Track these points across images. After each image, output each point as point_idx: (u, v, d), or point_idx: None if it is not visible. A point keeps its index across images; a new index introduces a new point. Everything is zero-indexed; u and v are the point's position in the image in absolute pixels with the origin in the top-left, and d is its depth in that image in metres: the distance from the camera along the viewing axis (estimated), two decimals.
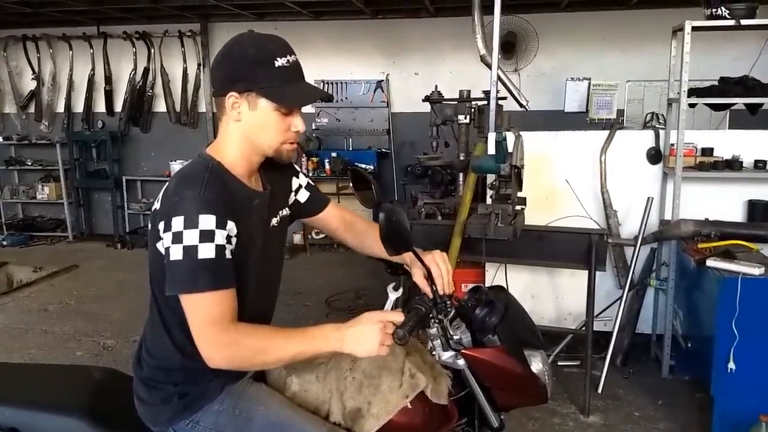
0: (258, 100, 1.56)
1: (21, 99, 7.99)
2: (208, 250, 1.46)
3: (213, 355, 1.48)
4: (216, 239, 1.47)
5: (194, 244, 1.45)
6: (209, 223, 1.47)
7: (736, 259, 3.14)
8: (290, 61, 1.57)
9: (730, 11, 3.54)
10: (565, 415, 3.53)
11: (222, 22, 7.46)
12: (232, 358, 1.49)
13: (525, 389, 1.76)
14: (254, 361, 1.53)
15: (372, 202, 1.96)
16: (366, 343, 1.50)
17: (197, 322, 1.48)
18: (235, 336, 1.49)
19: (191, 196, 1.49)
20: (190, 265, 1.46)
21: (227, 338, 1.48)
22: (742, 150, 3.84)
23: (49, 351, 4.48)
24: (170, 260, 1.47)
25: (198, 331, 1.48)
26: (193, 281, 1.46)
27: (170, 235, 1.47)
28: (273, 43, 1.58)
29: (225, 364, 1.50)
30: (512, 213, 3.42)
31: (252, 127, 1.60)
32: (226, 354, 1.48)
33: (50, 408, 1.79)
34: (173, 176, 1.62)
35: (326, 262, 6.78)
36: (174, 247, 1.46)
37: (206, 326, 1.47)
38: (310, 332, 1.53)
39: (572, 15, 6.64)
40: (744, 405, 3.03)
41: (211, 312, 1.47)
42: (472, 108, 4.56)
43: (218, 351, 1.48)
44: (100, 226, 8.21)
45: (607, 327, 4.00)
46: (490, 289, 1.82)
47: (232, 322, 1.49)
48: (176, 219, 1.47)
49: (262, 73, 1.54)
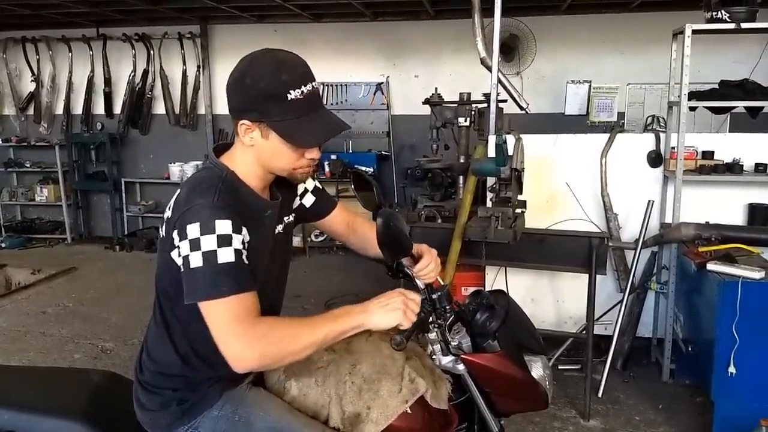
0: (270, 131, 1.53)
1: (20, 101, 7.98)
2: (227, 254, 1.44)
3: (245, 355, 1.43)
4: (234, 243, 1.45)
5: (213, 249, 1.43)
6: (226, 227, 1.45)
7: (737, 262, 3.13)
8: (305, 93, 1.50)
9: (731, 14, 3.54)
10: (566, 419, 3.52)
11: (222, 24, 7.45)
12: (264, 352, 1.44)
13: (525, 395, 1.75)
14: (285, 351, 1.47)
15: (373, 204, 1.95)
16: (391, 312, 1.51)
17: (223, 326, 1.44)
18: (264, 328, 1.45)
19: (204, 203, 1.47)
20: (210, 271, 1.43)
21: (257, 332, 1.44)
22: (742, 153, 3.84)
23: (48, 354, 4.46)
24: (190, 268, 1.44)
25: (225, 333, 1.43)
26: (216, 287, 1.43)
27: (187, 243, 1.44)
28: (287, 73, 1.50)
29: (256, 362, 1.45)
30: (512, 216, 3.41)
31: (264, 153, 1.57)
32: (258, 349, 1.43)
33: (49, 411, 1.78)
34: (185, 183, 1.60)
35: (325, 265, 6.77)
36: (193, 254, 1.43)
37: (233, 326, 1.43)
38: (333, 313, 1.53)
39: (572, 18, 6.63)
40: (744, 409, 3.02)
41: (236, 313, 1.43)
42: (472, 111, 4.56)
43: (250, 348, 1.43)
44: (99, 228, 8.19)
45: (608, 331, 3.99)
46: (490, 293, 1.81)
47: (258, 317, 1.47)
48: (191, 226, 1.44)
49: (273, 107, 1.50)
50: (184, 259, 1.46)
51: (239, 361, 1.44)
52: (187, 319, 1.61)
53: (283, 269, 1.83)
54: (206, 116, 7.63)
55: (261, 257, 1.60)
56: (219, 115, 7.55)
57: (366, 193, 1.97)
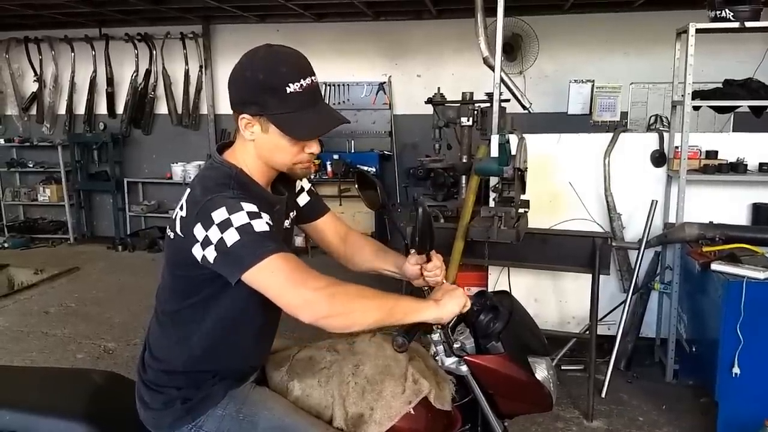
0: (269, 124, 1.53)
1: (23, 101, 7.99)
2: (261, 224, 1.44)
3: (316, 298, 1.40)
4: (264, 218, 1.46)
5: (246, 221, 1.42)
6: (252, 207, 1.45)
7: (741, 262, 3.12)
8: (304, 86, 1.51)
9: (735, 13, 3.52)
10: (569, 419, 3.51)
11: (224, 23, 7.46)
12: (335, 299, 1.41)
13: (529, 396, 1.73)
14: (357, 306, 1.44)
15: (377, 204, 1.94)
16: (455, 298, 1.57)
17: (282, 279, 1.40)
18: (333, 280, 1.44)
19: (224, 194, 1.47)
20: (250, 239, 1.41)
21: (324, 280, 1.43)
22: (746, 153, 3.82)
23: (50, 354, 4.46)
24: (227, 247, 1.41)
25: (288, 284, 1.40)
26: (261, 248, 1.41)
27: (216, 228, 1.43)
28: (287, 66, 1.51)
29: (328, 307, 1.40)
30: (515, 216, 3.40)
31: (265, 148, 1.57)
32: (331, 295, 1.41)
33: (51, 412, 1.78)
34: (196, 183, 1.57)
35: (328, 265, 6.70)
36: (227, 233, 1.41)
37: (296, 275, 1.41)
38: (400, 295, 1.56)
39: (575, 17, 6.62)
40: (749, 410, 3.01)
41: (293, 267, 1.42)
42: (474, 110, 4.56)
43: (322, 291, 1.40)
44: (102, 228, 8.20)
45: (611, 331, 3.98)
46: (494, 294, 1.80)
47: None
48: (217, 212, 1.43)
49: (272, 100, 1.50)
50: (217, 244, 1.42)
51: (310, 305, 1.40)
52: (192, 317, 1.61)
53: None
54: (209, 116, 7.64)
55: None
56: (221, 114, 7.55)
57: (370, 193, 1.96)
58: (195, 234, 1.46)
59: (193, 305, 1.59)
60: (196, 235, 1.46)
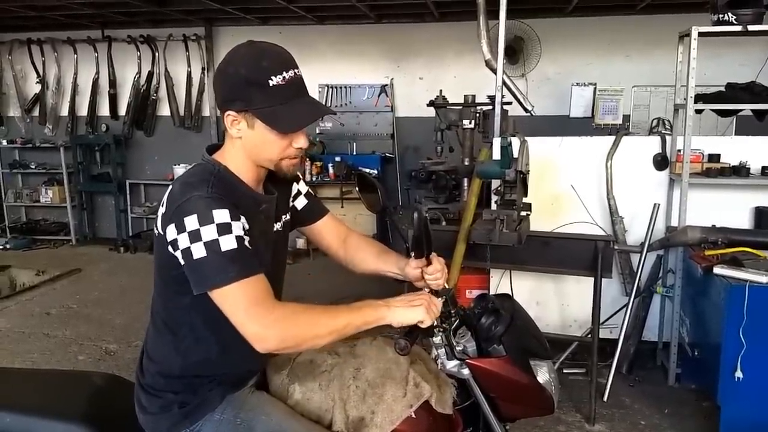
0: (254, 120, 1.53)
1: (25, 102, 8.01)
2: (229, 241, 1.44)
3: (266, 335, 1.43)
4: (234, 230, 1.45)
5: (214, 238, 1.43)
6: (224, 216, 1.45)
7: (743, 266, 3.12)
8: (286, 78, 1.50)
9: (737, 17, 3.52)
10: (571, 423, 3.50)
11: (226, 26, 7.47)
12: (284, 334, 1.44)
13: (531, 400, 1.73)
14: (307, 335, 1.47)
15: (377, 206, 1.94)
16: (415, 308, 1.53)
17: (241, 309, 1.43)
18: (285, 311, 1.46)
19: (199, 195, 1.47)
20: (216, 259, 1.42)
21: (277, 314, 1.44)
22: (749, 156, 3.81)
23: (51, 355, 4.46)
24: (194, 259, 1.43)
25: (243, 316, 1.43)
26: (223, 273, 1.42)
27: (186, 236, 1.44)
28: (269, 59, 1.51)
29: (277, 342, 1.44)
30: (517, 219, 3.39)
31: (252, 144, 1.57)
32: (280, 330, 1.43)
33: (51, 414, 1.77)
34: (177, 180, 1.59)
35: (329, 267, 6.71)
36: (194, 245, 1.43)
37: (252, 308, 1.43)
38: (355, 305, 1.53)
39: (578, 20, 6.62)
40: (751, 414, 3.01)
41: (252, 295, 1.43)
42: (476, 113, 4.56)
43: (271, 329, 1.43)
44: (104, 229, 8.21)
45: (613, 334, 3.97)
46: (496, 297, 1.79)
47: (276, 301, 1.47)
48: (189, 218, 1.44)
49: (256, 94, 1.50)
50: (184, 252, 1.44)
51: (261, 341, 1.43)
52: (186, 318, 1.60)
53: (281, 268, 1.83)
54: (211, 118, 7.66)
55: (260, 252, 1.58)
56: None
57: (370, 195, 1.95)
58: (168, 233, 1.48)
59: (183, 306, 1.58)
60: (169, 234, 1.48)
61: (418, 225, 1.59)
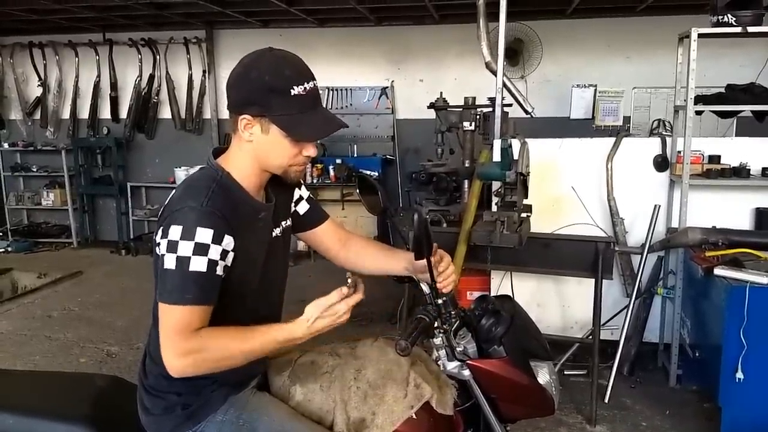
0: (270, 126, 1.55)
1: (27, 105, 8.03)
2: (200, 263, 1.46)
3: (175, 364, 1.49)
4: (210, 254, 1.48)
5: (187, 255, 1.46)
6: (206, 236, 1.47)
7: (744, 267, 3.11)
8: (307, 89, 1.54)
9: (737, 18, 3.52)
10: (572, 425, 3.50)
11: (227, 29, 7.49)
12: (187, 365, 1.49)
13: (531, 401, 1.73)
14: (215, 365, 1.52)
15: (378, 208, 1.94)
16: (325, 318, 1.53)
17: (166, 330, 1.48)
18: (198, 342, 1.48)
19: (192, 206, 1.49)
20: (181, 276, 1.46)
21: (188, 346, 1.48)
22: (749, 157, 3.81)
23: (53, 358, 4.47)
24: (164, 268, 1.48)
25: (164, 339, 1.49)
26: (181, 293, 1.47)
27: (166, 243, 1.47)
28: (291, 69, 1.55)
29: (180, 372, 1.50)
30: (518, 220, 3.40)
31: (263, 149, 1.59)
32: (184, 361, 1.48)
33: (53, 416, 1.78)
34: (181, 183, 1.62)
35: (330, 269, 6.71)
36: (168, 255, 1.47)
37: (172, 334, 1.48)
38: (271, 326, 1.55)
39: (578, 22, 6.63)
40: (752, 415, 3.01)
41: (182, 322, 1.47)
42: (477, 115, 4.56)
43: (178, 359, 1.48)
44: (105, 232, 8.22)
45: (614, 336, 3.97)
46: (496, 298, 1.80)
47: (195, 332, 1.49)
48: (174, 228, 1.47)
49: (277, 101, 1.52)
50: (161, 257, 1.49)
51: (168, 368, 1.50)
52: None
53: (283, 274, 1.83)
54: (212, 120, 7.67)
55: (253, 260, 1.60)
56: (225, 119, 7.56)
57: (371, 197, 1.96)
58: (157, 234, 1.52)
59: None
60: (156, 235, 1.52)
61: (418, 227, 1.60)
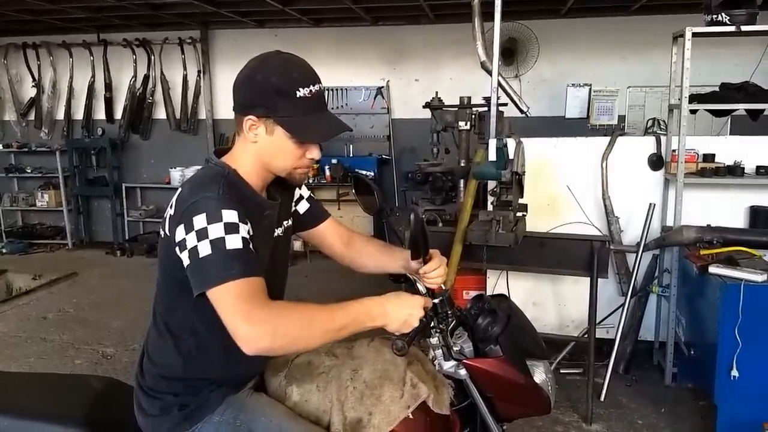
0: (275, 127, 1.56)
1: (21, 106, 7.99)
2: (235, 240, 1.43)
3: (256, 334, 1.38)
4: (241, 231, 1.46)
5: (221, 236, 1.43)
6: (233, 216, 1.46)
7: (739, 265, 3.13)
8: (312, 92, 1.55)
9: (731, 17, 3.53)
10: (568, 423, 3.51)
11: (222, 29, 7.47)
12: (275, 332, 1.39)
13: (527, 400, 1.74)
14: (300, 335, 1.43)
15: (374, 208, 1.95)
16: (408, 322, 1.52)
17: (231, 307, 1.39)
18: (277, 309, 1.43)
19: (210, 196, 1.48)
20: (220, 256, 1.42)
21: (269, 312, 1.40)
22: (743, 156, 3.83)
23: (48, 359, 4.45)
24: (199, 258, 1.42)
25: (234, 314, 1.38)
26: (226, 270, 1.40)
27: (194, 234, 1.44)
28: (297, 71, 1.56)
29: (268, 341, 1.39)
30: (513, 220, 3.40)
31: (267, 150, 1.59)
32: (271, 329, 1.38)
33: (49, 418, 1.77)
34: (186, 182, 1.61)
35: (326, 269, 6.74)
36: (201, 244, 1.42)
37: (242, 305, 1.38)
38: (353, 307, 1.50)
39: (572, 21, 6.64)
40: (747, 412, 3.02)
41: (246, 293, 1.40)
42: (472, 114, 4.57)
43: (261, 327, 1.38)
44: (100, 233, 8.19)
45: (610, 334, 3.98)
46: (492, 297, 1.80)
47: (269, 300, 1.44)
48: (198, 217, 1.44)
49: (282, 102, 1.53)
50: (191, 251, 1.44)
51: (250, 340, 1.38)
52: (189, 321, 1.61)
53: (283, 273, 1.83)
54: (207, 121, 7.65)
55: (261, 256, 1.59)
56: (220, 119, 7.57)
57: (367, 197, 1.96)
58: (177, 234, 1.48)
59: (187, 309, 1.59)
60: (177, 235, 1.48)
61: (414, 226, 1.60)
